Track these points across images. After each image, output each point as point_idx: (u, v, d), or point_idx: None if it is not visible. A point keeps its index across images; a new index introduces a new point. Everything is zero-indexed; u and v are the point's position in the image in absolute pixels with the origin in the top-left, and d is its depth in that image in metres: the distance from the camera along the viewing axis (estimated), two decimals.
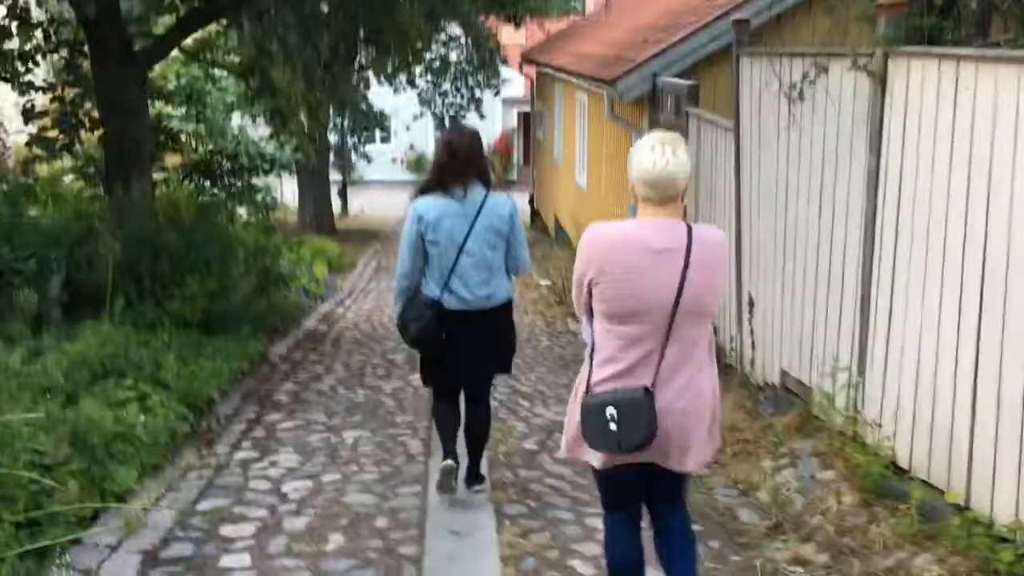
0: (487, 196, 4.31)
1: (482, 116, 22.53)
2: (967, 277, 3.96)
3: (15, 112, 9.43)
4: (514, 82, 26.24)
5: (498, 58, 21.93)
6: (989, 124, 3.81)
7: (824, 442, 4.94)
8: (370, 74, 17.73)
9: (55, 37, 9.26)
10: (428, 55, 19.16)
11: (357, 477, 4.98)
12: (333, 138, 21.83)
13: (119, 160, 8.59)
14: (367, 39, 12.48)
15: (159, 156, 11.05)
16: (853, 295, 4.94)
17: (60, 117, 8.98)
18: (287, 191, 18.89)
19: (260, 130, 14.13)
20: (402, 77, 18.98)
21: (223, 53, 12.58)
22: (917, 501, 3.99)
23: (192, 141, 13.20)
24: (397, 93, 20.87)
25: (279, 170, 15.17)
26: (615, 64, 10.08)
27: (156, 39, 9.60)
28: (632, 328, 2.89)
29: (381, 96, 21.19)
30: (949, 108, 4.08)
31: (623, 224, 2.99)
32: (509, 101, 29.24)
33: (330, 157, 21.63)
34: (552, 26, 20.70)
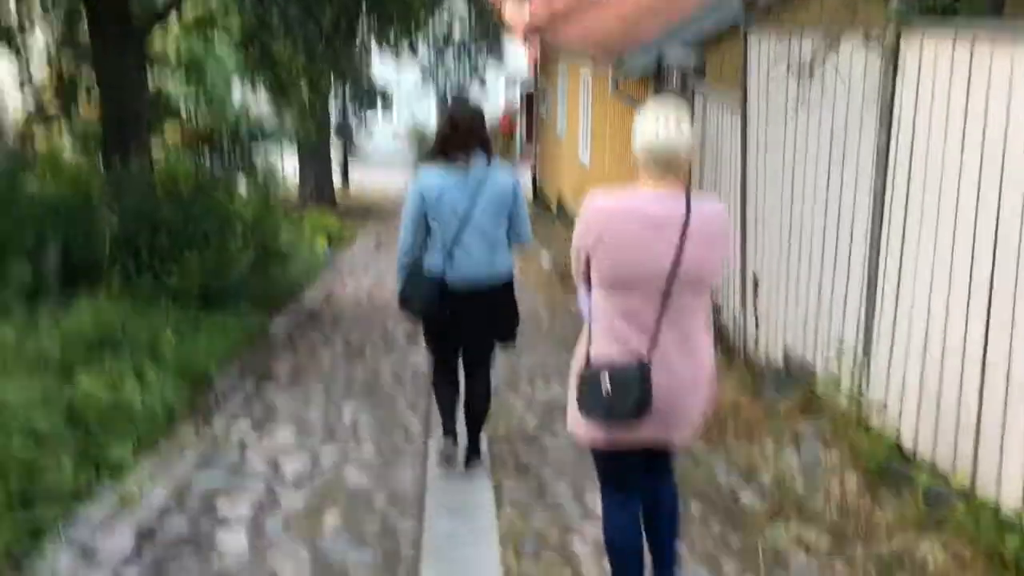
0: (489, 169, 4.27)
1: (485, 91, 22.37)
2: (977, 258, 3.89)
3: (13, 83, 9.34)
4: (518, 57, 26.02)
5: (502, 32, 21.73)
6: (1004, 103, 3.73)
7: (828, 424, 4.89)
8: (372, 47, 17.56)
9: (53, 6, 9.14)
10: (431, 30, 18.97)
11: (355, 454, 4.93)
12: (334, 113, 21.69)
13: (117, 132, 8.51)
14: (369, 9, 12.32)
15: (158, 129, 10.95)
16: (860, 275, 4.87)
17: (57, 88, 8.89)
18: (288, 166, 18.78)
19: (261, 103, 14.02)
20: (405, 47, 18.78)
21: (223, 25, 12.44)
22: (923, 485, 3.94)
23: (192, 114, 13.09)
24: (399, 68, 20.69)
25: (280, 143, 15.05)
26: (620, 40, 9.96)
27: (155, 10, 9.48)
28: (629, 298, 2.88)
29: (383, 71, 21.02)
30: (963, 86, 4.00)
31: (623, 193, 2.96)
32: (513, 76, 29.02)
33: (331, 132, 21.50)
34: (557, 1, 20.49)
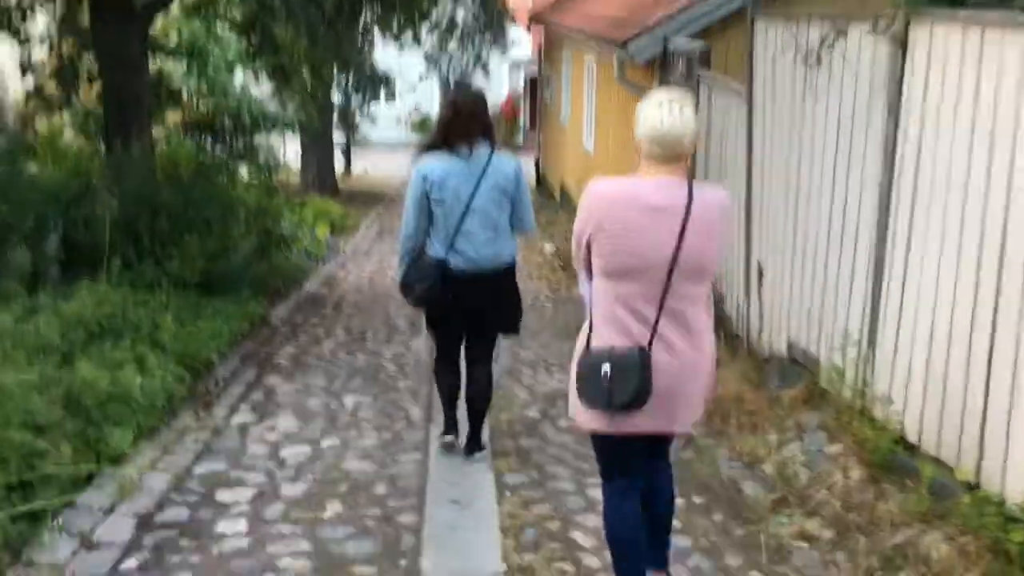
0: (492, 155, 4.25)
1: (488, 78, 22.22)
2: (985, 249, 3.84)
3: (14, 67, 9.28)
4: (521, 43, 25.83)
5: (506, 18, 21.58)
6: (1014, 92, 3.67)
7: (831, 415, 4.86)
8: (375, 32, 17.44)
9: None
10: (434, 14, 18.83)
11: (357, 443, 4.91)
12: (337, 98, 21.57)
13: (118, 116, 8.45)
14: None
15: (159, 113, 10.89)
16: (865, 265, 4.83)
17: (58, 71, 8.83)
18: (290, 151, 18.70)
19: (263, 88, 13.93)
20: (408, 34, 18.65)
21: (225, 8, 12.35)
22: (927, 478, 3.91)
23: (193, 98, 13.01)
24: (402, 52, 20.56)
25: (282, 129, 14.97)
26: (626, 26, 9.88)
27: None
28: (630, 286, 2.87)
29: (386, 57, 20.89)
30: (973, 75, 3.94)
31: (624, 180, 2.95)
32: (516, 63, 28.86)
33: (333, 117, 21.39)
34: None
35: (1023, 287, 3.61)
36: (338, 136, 22.61)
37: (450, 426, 4.74)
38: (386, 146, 27.37)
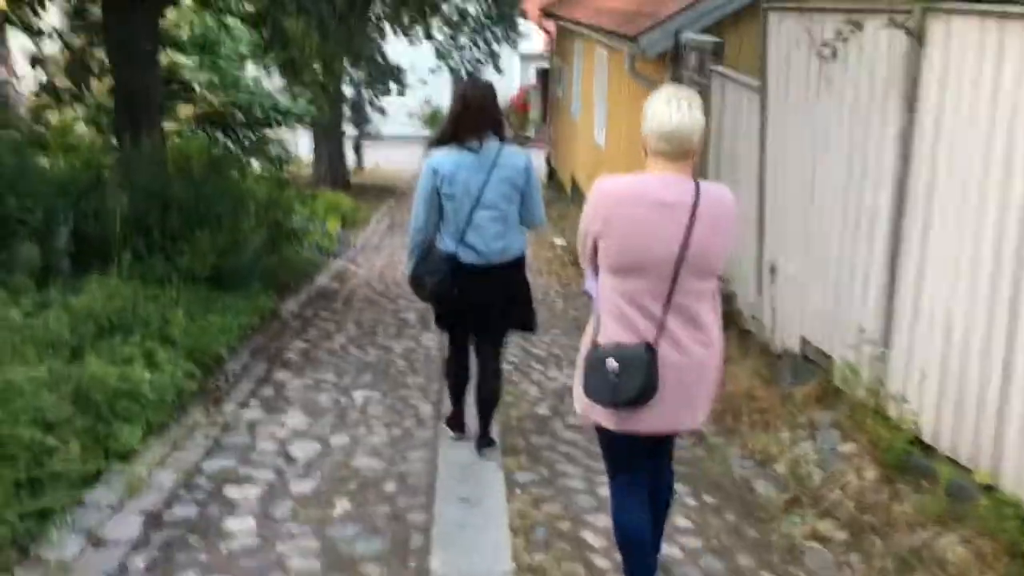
0: (502, 148, 4.23)
1: (500, 71, 22.16)
2: (1003, 246, 3.78)
3: (25, 60, 9.29)
4: (533, 37, 25.76)
5: (517, 12, 21.51)
6: None
7: (845, 414, 4.81)
8: (386, 26, 17.42)
9: None
10: (445, 6, 18.79)
11: (366, 440, 4.88)
12: (348, 91, 21.56)
13: (129, 110, 8.43)
14: None
15: (171, 107, 10.88)
16: (881, 262, 4.77)
17: (69, 65, 8.82)
18: (301, 145, 18.71)
19: (274, 81, 13.91)
20: (418, 29, 18.62)
21: (236, 2, 12.34)
22: (945, 480, 3.86)
23: (205, 92, 13.00)
24: (413, 46, 20.53)
25: (293, 123, 14.96)
26: (637, 19, 9.80)
27: None
28: (637, 282, 2.85)
29: (397, 50, 20.85)
30: (991, 69, 3.88)
31: (631, 178, 2.92)
32: (528, 57, 28.78)
33: (345, 111, 21.39)
34: None
35: None
36: (349, 130, 22.61)
37: (456, 424, 4.73)
38: (397, 140, 27.37)
